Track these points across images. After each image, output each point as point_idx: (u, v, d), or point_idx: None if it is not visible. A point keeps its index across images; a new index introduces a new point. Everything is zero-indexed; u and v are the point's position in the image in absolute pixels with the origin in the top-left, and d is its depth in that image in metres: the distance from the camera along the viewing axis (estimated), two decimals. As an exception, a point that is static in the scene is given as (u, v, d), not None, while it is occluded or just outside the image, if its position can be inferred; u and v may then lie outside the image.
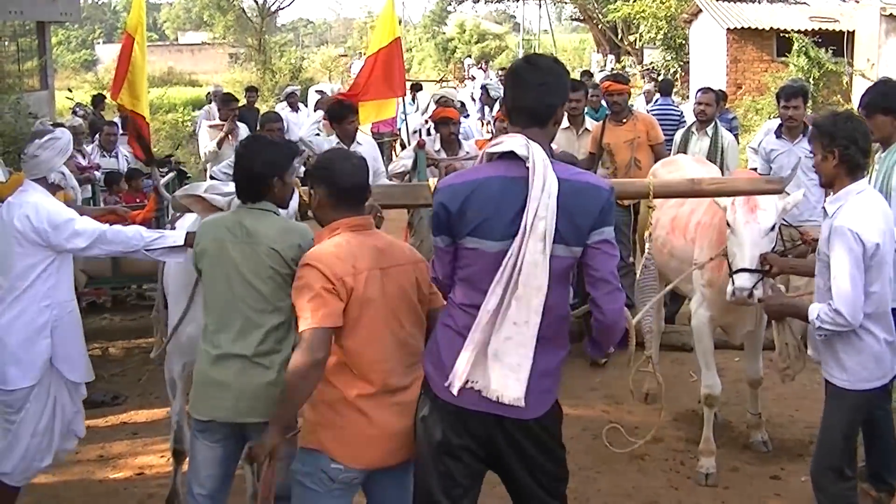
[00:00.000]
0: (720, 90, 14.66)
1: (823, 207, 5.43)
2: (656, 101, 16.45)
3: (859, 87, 24.91)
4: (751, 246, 6.13)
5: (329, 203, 4.60)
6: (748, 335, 7.36)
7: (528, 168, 3.96)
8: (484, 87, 26.31)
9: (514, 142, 4.04)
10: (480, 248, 4.04)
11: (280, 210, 5.00)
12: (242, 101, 16.74)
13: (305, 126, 15.24)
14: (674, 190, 6.60)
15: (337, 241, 4.49)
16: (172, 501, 6.46)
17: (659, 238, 7.72)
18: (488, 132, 19.37)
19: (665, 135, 10.42)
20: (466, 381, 4.03)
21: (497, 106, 15.60)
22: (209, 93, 20.66)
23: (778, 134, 9.22)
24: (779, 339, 6.44)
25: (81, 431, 6.39)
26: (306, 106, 18.67)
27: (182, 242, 5.64)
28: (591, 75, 20.74)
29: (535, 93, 4.10)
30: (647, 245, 6.68)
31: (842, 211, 5.15)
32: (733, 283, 6.16)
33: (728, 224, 6.29)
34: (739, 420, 7.83)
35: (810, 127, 5.98)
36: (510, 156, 4.05)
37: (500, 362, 3.99)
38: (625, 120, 9.80)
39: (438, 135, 9.54)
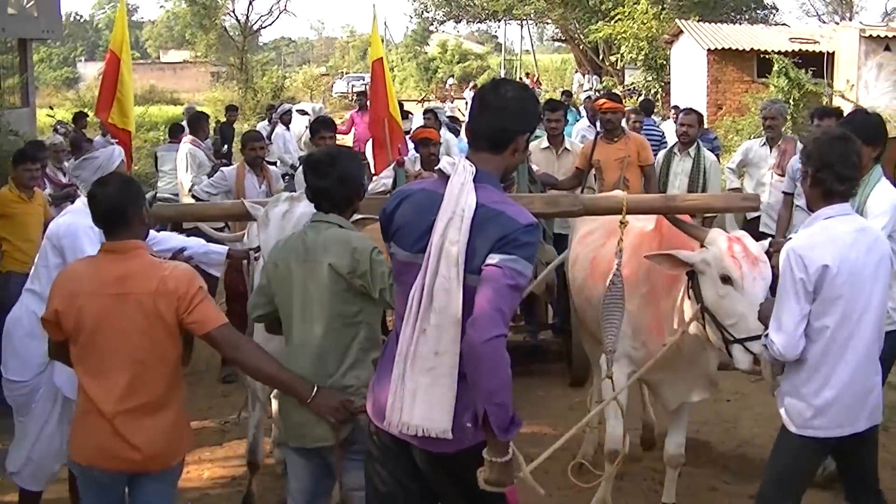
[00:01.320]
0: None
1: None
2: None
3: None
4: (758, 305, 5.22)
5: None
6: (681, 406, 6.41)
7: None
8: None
9: (445, 161, 3.94)
10: (398, 256, 4.00)
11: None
12: (223, 119, 16.78)
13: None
14: (647, 206, 6.30)
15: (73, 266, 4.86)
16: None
17: (576, 280, 7.06)
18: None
19: (647, 155, 10.49)
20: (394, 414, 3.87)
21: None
22: (185, 111, 20.64)
23: None
24: None
25: None
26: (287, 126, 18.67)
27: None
28: (571, 95, 20.80)
29: (493, 117, 3.92)
30: (615, 261, 5.93)
31: (797, 234, 5.00)
32: (750, 352, 5.13)
33: (726, 279, 5.28)
34: (717, 440, 7.84)
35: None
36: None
37: (424, 394, 3.77)
38: (616, 139, 9.82)
39: (418, 155, 9.55)
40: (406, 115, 17.89)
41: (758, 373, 5.23)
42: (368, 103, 10.50)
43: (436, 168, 4.03)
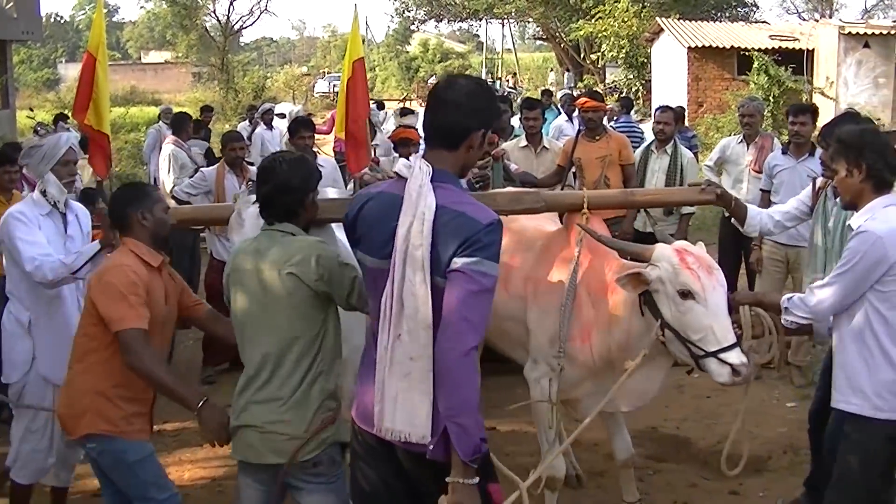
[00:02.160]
0: (679, 107, 14.79)
1: (848, 225, 5.14)
2: (618, 119, 16.56)
3: (819, 105, 25.16)
4: (725, 315, 4.97)
5: None
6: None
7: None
8: None
9: (401, 163, 3.88)
10: (365, 262, 3.97)
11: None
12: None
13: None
14: (608, 201, 6.29)
15: None
16: None
17: None
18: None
19: (626, 153, 10.52)
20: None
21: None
22: (161, 112, 20.54)
23: (784, 150, 9.16)
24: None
25: None
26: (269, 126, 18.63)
27: (98, 248, 5.82)
28: (552, 94, 20.82)
29: (447, 113, 3.85)
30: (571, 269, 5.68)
31: (870, 220, 4.83)
32: (726, 363, 4.85)
33: (685, 294, 4.96)
34: (698, 437, 7.86)
35: (832, 142, 5.27)
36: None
37: (403, 400, 3.75)
38: (598, 137, 9.81)
39: (397, 155, 9.55)
40: (408, 112, 17.98)
41: (739, 384, 4.96)
42: (337, 102, 10.43)
43: (393, 170, 3.97)
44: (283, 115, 20.58)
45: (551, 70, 50.12)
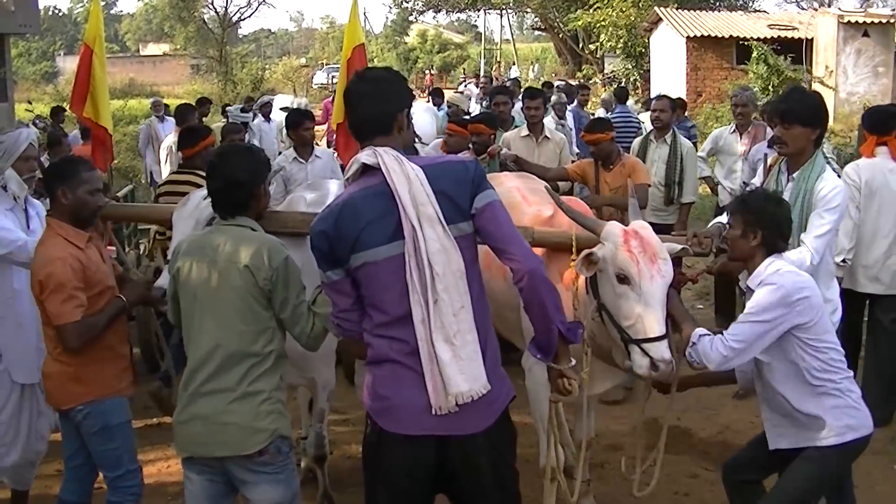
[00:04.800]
0: (679, 98, 14.76)
1: (746, 286, 5.12)
2: (615, 109, 16.54)
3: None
4: (660, 306, 4.80)
5: None
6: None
7: (381, 171, 3.95)
8: None
9: (362, 156, 4.04)
10: (370, 259, 3.96)
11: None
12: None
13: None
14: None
15: None
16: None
17: None
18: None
19: (623, 142, 10.48)
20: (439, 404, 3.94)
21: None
22: (151, 105, 20.50)
23: (770, 144, 8.97)
24: None
25: (45, 432, 6.36)
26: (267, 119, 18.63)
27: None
28: (552, 86, 20.73)
29: (369, 104, 4.11)
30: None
31: (763, 283, 4.91)
32: (647, 355, 4.73)
33: (622, 279, 4.81)
34: (698, 427, 7.86)
35: (736, 205, 5.22)
36: (365, 171, 4.05)
37: (458, 359, 3.89)
38: (612, 166, 9.53)
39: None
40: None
41: (654, 378, 5.01)
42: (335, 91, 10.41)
43: (358, 164, 4.08)
44: (285, 109, 20.57)
45: (535, 62, 49.90)
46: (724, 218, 5.47)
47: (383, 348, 4.02)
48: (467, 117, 12.39)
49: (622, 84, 31.43)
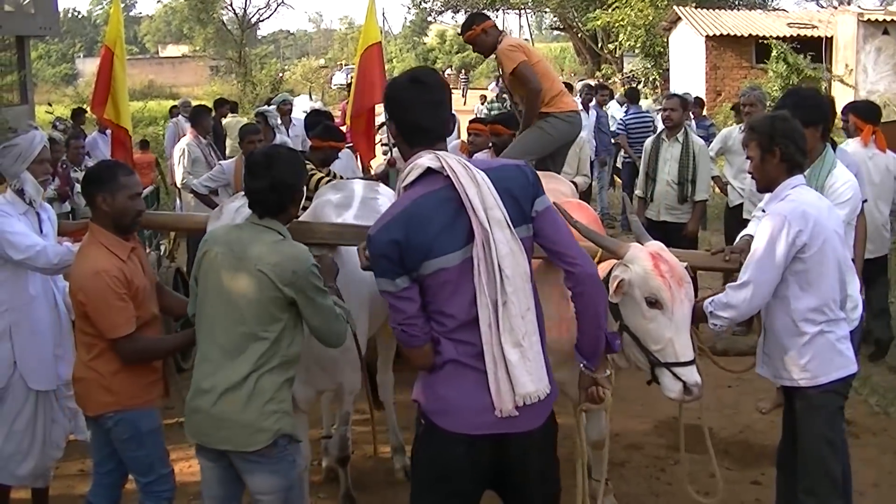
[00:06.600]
0: (696, 97, 14.76)
1: (763, 209, 5.27)
2: (627, 110, 16.57)
3: (838, 93, 25.05)
4: (687, 329, 4.73)
5: None
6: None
7: (445, 176, 3.91)
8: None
9: (424, 161, 3.96)
10: (444, 266, 3.91)
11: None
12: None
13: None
14: None
15: None
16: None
17: None
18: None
19: (637, 142, 10.53)
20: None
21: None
22: (174, 106, 20.53)
23: None
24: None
25: (81, 432, 6.30)
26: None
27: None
28: (571, 87, 20.68)
29: (432, 112, 4.08)
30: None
31: (777, 203, 5.09)
32: (679, 379, 4.65)
33: (653, 303, 4.69)
34: (718, 426, 7.84)
35: (744, 130, 5.48)
36: (424, 176, 3.98)
37: (526, 360, 3.92)
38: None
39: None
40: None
41: (688, 401, 4.81)
42: (354, 91, 10.34)
43: (421, 168, 4.00)
44: (305, 112, 20.59)
45: (553, 61, 49.64)
46: (752, 228, 5.42)
47: (450, 351, 4.01)
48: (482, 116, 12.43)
49: (640, 83, 31.37)
